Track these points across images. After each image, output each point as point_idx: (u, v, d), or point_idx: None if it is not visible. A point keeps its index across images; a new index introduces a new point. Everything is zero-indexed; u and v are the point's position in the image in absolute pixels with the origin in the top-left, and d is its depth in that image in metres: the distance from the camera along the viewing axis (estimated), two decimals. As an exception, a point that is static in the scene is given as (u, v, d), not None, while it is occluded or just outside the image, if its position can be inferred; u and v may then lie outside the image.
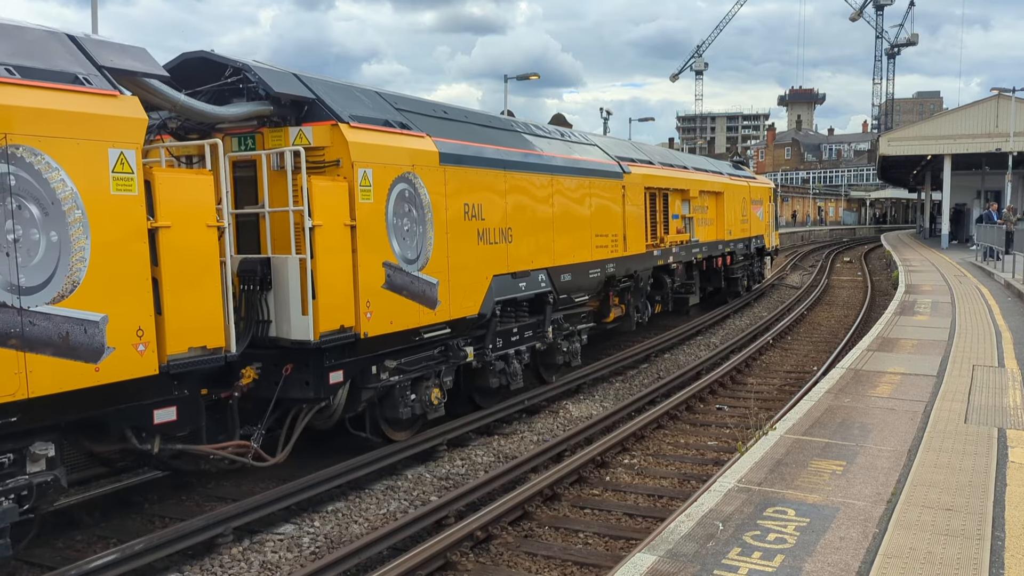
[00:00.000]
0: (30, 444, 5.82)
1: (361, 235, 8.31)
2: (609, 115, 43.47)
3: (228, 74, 8.24)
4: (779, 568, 4.84)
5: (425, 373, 9.61)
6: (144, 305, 6.30)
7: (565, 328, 12.80)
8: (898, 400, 8.95)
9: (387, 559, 6.80)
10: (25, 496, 5.74)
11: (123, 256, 6.16)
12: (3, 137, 5.42)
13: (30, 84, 5.70)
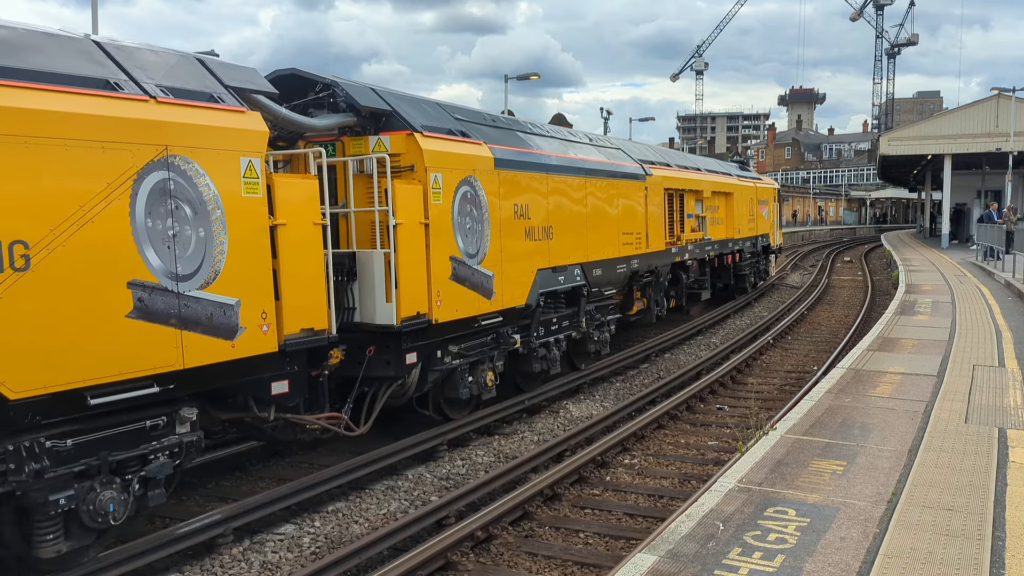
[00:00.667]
0: (179, 409, 6.72)
1: (433, 232, 9.42)
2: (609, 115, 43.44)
3: (318, 89, 9.41)
4: (780, 568, 4.84)
5: (480, 357, 10.59)
6: (267, 292, 7.32)
7: (596, 319, 13.80)
8: (898, 400, 8.95)
9: (387, 559, 6.81)
10: (176, 453, 6.68)
11: (251, 249, 7.15)
12: (164, 149, 6.46)
13: (181, 103, 6.73)
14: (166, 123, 6.52)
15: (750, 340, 17.79)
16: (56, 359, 5.74)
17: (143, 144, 6.33)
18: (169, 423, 6.66)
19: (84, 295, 5.94)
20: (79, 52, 6.35)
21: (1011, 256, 23.91)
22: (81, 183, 5.93)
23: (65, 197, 5.83)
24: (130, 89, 6.42)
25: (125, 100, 6.31)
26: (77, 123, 5.95)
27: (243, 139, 7.15)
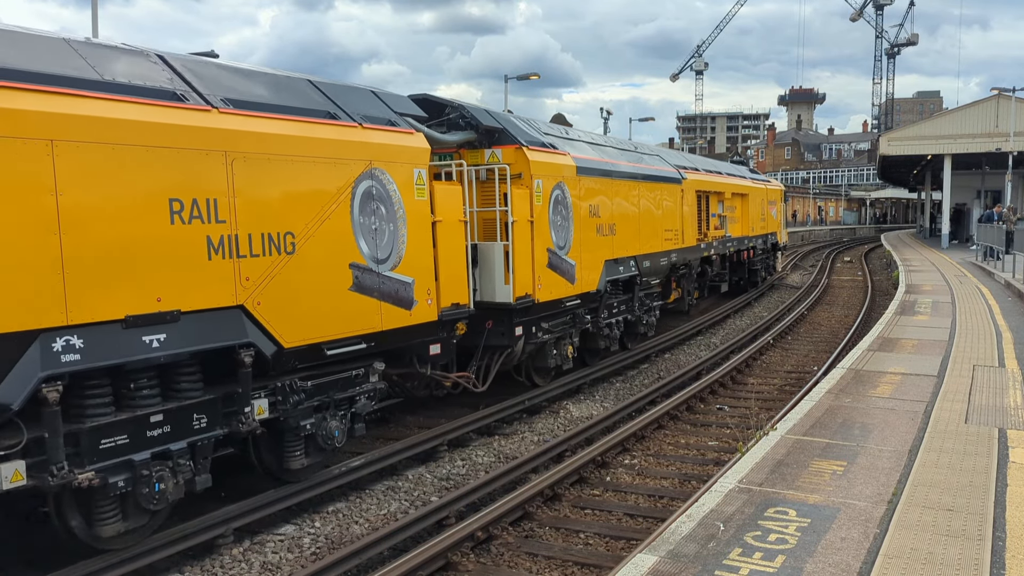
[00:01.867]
0: (373, 362, 8.74)
1: (536, 228, 11.48)
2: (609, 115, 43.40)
3: (447, 111, 11.40)
4: (780, 568, 4.84)
5: (563, 334, 12.59)
6: (430, 273, 9.37)
7: (645, 304, 15.80)
8: (899, 400, 8.95)
9: (388, 560, 6.81)
10: (371, 396, 8.73)
11: (421, 240, 9.22)
12: (369, 163, 8.45)
13: (376, 128, 8.78)
14: (370, 143, 8.54)
15: (750, 340, 17.79)
16: (308, 320, 7.67)
17: (357, 160, 8.34)
18: (366, 374, 8.68)
19: (324, 273, 7.89)
20: (308, 91, 8.43)
21: (1011, 256, 23.92)
22: (322, 190, 7.91)
23: (313, 200, 7.80)
24: (345, 118, 8.43)
25: (346, 127, 8.37)
26: (321, 146, 7.91)
27: (414, 154, 9.19)
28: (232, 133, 7.05)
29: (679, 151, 24.30)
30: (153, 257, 6.34)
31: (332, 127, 8.19)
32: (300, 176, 7.67)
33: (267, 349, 7.24)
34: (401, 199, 8.90)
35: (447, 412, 11.61)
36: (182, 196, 6.60)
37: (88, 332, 5.88)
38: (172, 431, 6.62)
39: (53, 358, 5.65)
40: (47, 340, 5.64)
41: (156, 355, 6.35)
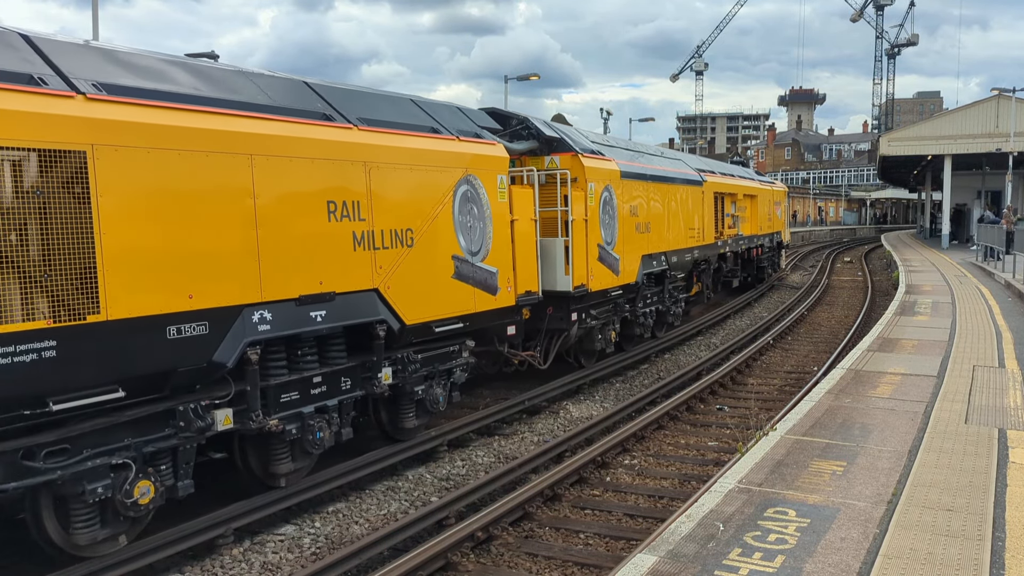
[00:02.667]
0: (465, 340, 10.25)
1: (589, 226, 12.97)
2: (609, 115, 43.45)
3: (515, 123, 12.94)
4: (780, 568, 4.84)
5: (607, 320, 14.07)
6: (510, 264, 10.88)
7: (673, 296, 17.40)
8: (899, 400, 8.95)
9: (388, 560, 6.81)
10: (464, 369, 10.29)
11: (503, 236, 10.74)
12: (466, 170, 9.97)
13: (468, 140, 10.35)
14: (465, 154, 10.06)
15: (750, 341, 17.79)
16: (422, 302, 9.18)
17: (457, 168, 9.85)
18: (459, 350, 10.17)
19: (433, 263, 9.40)
20: (413, 109, 9.99)
21: (1011, 256, 23.92)
22: (433, 193, 9.42)
23: (426, 202, 9.27)
24: (445, 132, 10.00)
25: (447, 140, 9.95)
26: (431, 156, 9.48)
27: (497, 163, 10.71)
28: (368, 147, 8.55)
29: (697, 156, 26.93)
30: (317, 248, 7.81)
31: (438, 140, 9.81)
32: (417, 182, 9.23)
33: (394, 325, 8.82)
34: (488, 201, 10.44)
35: (447, 412, 11.59)
36: (336, 199, 8.07)
37: (274, 307, 7.35)
38: (327, 391, 8.19)
39: (253, 327, 7.12)
40: (249, 313, 7.10)
41: (319, 327, 7.86)
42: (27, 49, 6.16)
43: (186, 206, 6.63)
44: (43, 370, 5.63)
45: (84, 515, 6.27)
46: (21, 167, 5.54)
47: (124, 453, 6.38)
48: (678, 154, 21.71)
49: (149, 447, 6.58)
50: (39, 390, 5.66)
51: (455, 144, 10.05)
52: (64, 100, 5.90)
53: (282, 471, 7.91)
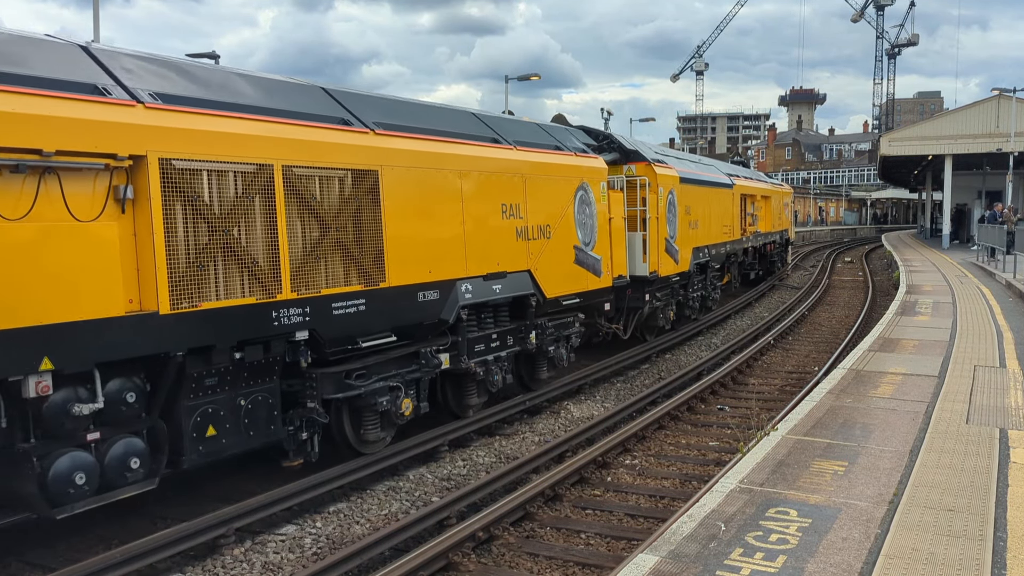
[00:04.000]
0: (577, 312, 12.91)
1: (660, 223, 16.07)
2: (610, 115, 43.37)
3: (600, 139, 15.94)
4: (781, 569, 4.84)
5: (666, 302, 17.00)
6: (608, 253, 13.67)
7: (711, 283, 20.55)
8: (900, 400, 8.95)
9: (389, 560, 6.81)
10: (577, 336, 12.96)
11: (603, 231, 13.53)
12: (582, 179, 12.75)
13: (580, 155, 13.16)
14: (580, 166, 13.01)
15: (751, 341, 17.79)
16: (555, 281, 11.99)
17: (576, 177, 12.72)
18: (574, 320, 12.81)
19: (562, 251, 12.23)
20: (540, 130, 12.88)
21: (1012, 256, 23.91)
22: (563, 197, 12.34)
23: (557, 203, 12.18)
24: (566, 149, 12.97)
25: (569, 155, 12.87)
26: (562, 169, 12.39)
27: (600, 172, 13.60)
28: (524, 163, 11.48)
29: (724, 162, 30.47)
30: (496, 239, 10.69)
31: (564, 156, 12.76)
32: (553, 189, 12.09)
33: (540, 298, 11.65)
34: (595, 202, 13.24)
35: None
36: (506, 202, 10.92)
37: (473, 281, 10.21)
38: (499, 345, 11.00)
39: (462, 295, 9.96)
40: (460, 285, 9.94)
41: (498, 297, 10.70)
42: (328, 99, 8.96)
43: (426, 208, 9.40)
44: (357, 319, 8.42)
45: (372, 421, 8.97)
46: (346, 183, 8.31)
47: (395, 379, 9.06)
48: (711, 160, 25.96)
49: (406, 376, 9.26)
50: (355, 332, 8.46)
51: (574, 159, 13.01)
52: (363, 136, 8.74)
53: (472, 404, 10.82)
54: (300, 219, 7.77)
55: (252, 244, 7.30)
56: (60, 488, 6.06)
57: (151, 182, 6.49)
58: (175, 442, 7.03)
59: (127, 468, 6.54)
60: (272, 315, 7.49)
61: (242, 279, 7.21)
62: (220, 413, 7.35)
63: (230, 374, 7.41)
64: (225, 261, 7.04)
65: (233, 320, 7.12)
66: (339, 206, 8.18)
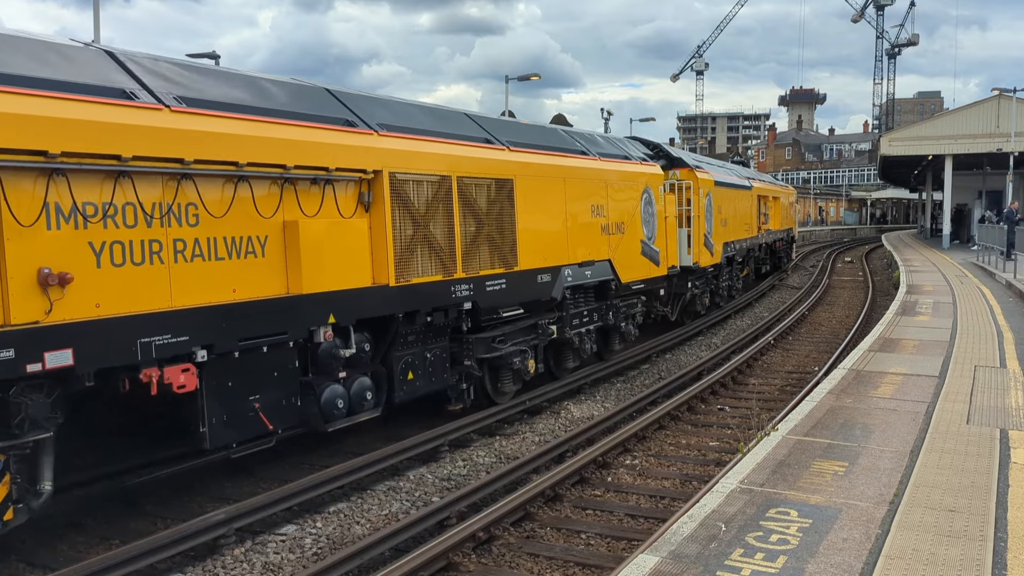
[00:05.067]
0: (640, 296, 15.30)
1: (700, 220, 18.74)
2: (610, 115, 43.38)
3: (651, 148, 18.46)
4: (782, 569, 4.84)
5: (703, 290, 20.07)
6: (664, 246, 16.14)
7: (735, 274, 23.96)
8: (900, 401, 8.95)
9: (389, 560, 6.81)
10: (640, 315, 15.44)
11: (661, 227, 16.06)
12: (646, 183, 15.39)
13: (644, 163, 15.89)
14: (644, 172, 15.63)
15: (751, 341, 17.78)
16: (627, 268, 14.36)
17: (641, 182, 15.29)
18: (637, 302, 15.28)
19: (631, 244, 14.63)
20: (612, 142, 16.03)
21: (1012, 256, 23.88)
22: (632, 198, 14.84)
23: (627, 204, 14.60)
24: (634, 159, 15.59)
25: (636, 163, 15.46)
26: (633, 176, 15.00)
27: (658, 178, 16.34)
28: (606, 171, 14.14)
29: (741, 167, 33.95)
30: (588, 233, 13.27)
31: (633, 164, 15.52)
32: (626, 192, 14.72)
33: (617, 283, 14.17)
34: (655, 203, 15.87)
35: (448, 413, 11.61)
36: (595, 203, 13.53)
37: (572, 267, 12.75)
38: (588, 320, 13.53)
39: (565, 278, 12.51)
40: (564, 270, 12.50)
41: (589, 281, 13.30)
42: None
43: (543, 208, 12.02)
44: (500, 294, 11.01)
45: (507, 376, 11.53)
46: (492, 189, 10.84)
47: (523, 344, 11.64)
48: (731, 165, 29.89)
49: (530, 343, 11.90)
50: (498, 305, 11.01)
51: (639, 166, 15.71)
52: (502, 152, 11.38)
53: (568, 367, 13.39)
54: (466, 217, 10.34)
55: (439, 236, 9.82)
56: (329, 409, 8.48)
57: (385, 190, 8.99)
58: (388, 383, 9.49)
59: (363, 398, 9.00)
60: (451, 289, 10.06)
61: (433, 262, 9.74)
62: (415, 363, 9.87)
63: (422, 333, 9.95)
64: (424, 248, 9.56)
65: (429, 292, 9.69)
66: (488, 207, 10.77)
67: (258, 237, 7.65)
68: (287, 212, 7.95)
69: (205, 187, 7.18)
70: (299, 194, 8.07)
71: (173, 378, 6.83)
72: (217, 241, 7.26)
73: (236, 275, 7.40)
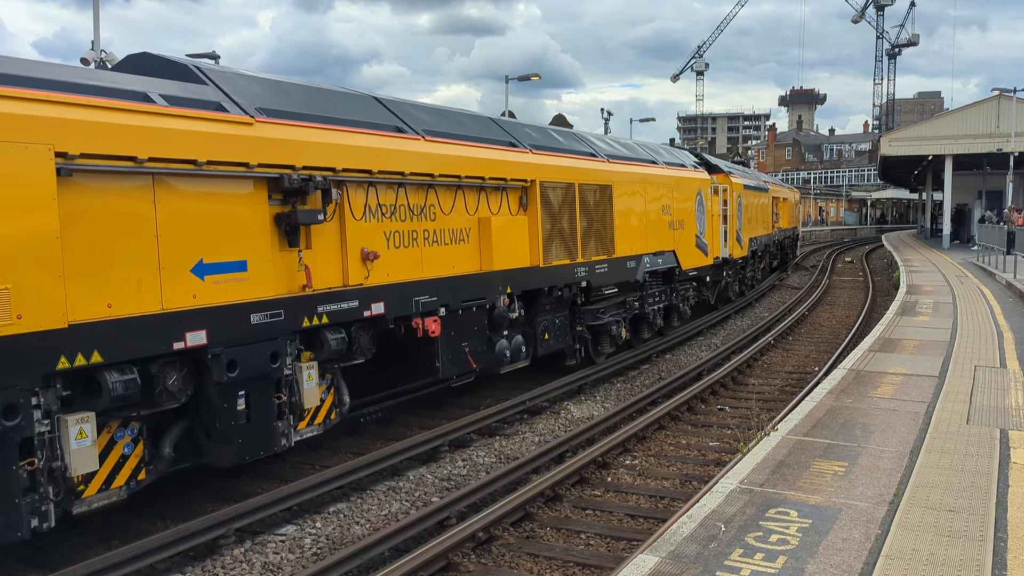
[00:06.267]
0: (692, 282, 18.89)
1: (733, 218, 21.81)
2: (610, 115, 43.39)
3: (696, 156, 21.83)
4: (782, 569, 4.84)
5: (734, 279, 23.47)
6: (710, 239, 19.65)
7: (756, 266, 27.41)
8: (900, 401, 8.95)
9: (389, 560, 6.80)
10: (693, 297, 19.18)
11: (709, 224, 19.71)
12: (699, 186, 19.12)
13: (695, 170, 19.81)
14: (697, 178, 19.02)
15: (751, 341, 17.78)
16: (686, 257, 17.76)
17: (695, 186, 18.66)
18: (688, 287, 18.24)
19: (688, 237, 18.02)
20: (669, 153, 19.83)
21: (1012, 257, 23.88)
22: (689, 199, 18.10)
23: (685, 204, 17.90)
24: (688, 167, 19.17)
25: (691, 170, 19.16)
26: (690, 182, 18.45)
27: (707, 182, 19.71)
28: (672, 177, 17.29)
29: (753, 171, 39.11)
30: (659, 228, 16.20)
31: (688, 171, 18.91)
32: (685, 194, 17.84)
33: (679, 270, 17.20)
34: (705, 203, 18.96)
35: (448, 413, 11.63)
36: (664, 204, 16.62)
37: (649, 256, 15.62)
38: (658, 300, 16.59)
39: (645, 265, 15.44)
40: (644, 258, 15.43)
41: (660, 267, 16.28)
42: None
43: (630, 208, 15.07)
44: (604, 275, 13.97)
45: (605, 341, 14.38)
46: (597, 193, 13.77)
47: (617, 316, 14.61)
48: (747, 169, 33.73)
49: (621, 315, 14.75)
50: (602, 284, 14.02)
51: (693, 172, 19.18)
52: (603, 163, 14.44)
53: (644, 338, 16.39)
54: (582, 215, 13.33)
55: (567, 229, 12.89)
56: (500, 357, 11.33)
57: (537, 195, 12.11)
58: (533, 341, 12.28)
59: (520, 351, 11.83)
60: (574, 270, 13.09)
61: (563, 249, 12.80)
62: (549, 326, 12.76)
63: (554, 304, 12.86)
64: (558, 239, 12.66)
65: (561, 272, 12.75)
66: (595, 207, 13.72)
67: (465, 229, 10.75)
68: (481, 211, 11.10)
69: (441, 193, 10.28)
70: (489, 198, 11.28)
71: (429, 326, 9.77)
72: (445, 232, 10.34)
73: (454, 256, 10.53)
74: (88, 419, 6.25)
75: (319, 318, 8.24)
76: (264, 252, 7.69)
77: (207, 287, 7.13)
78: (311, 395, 8.19)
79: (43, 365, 5.93)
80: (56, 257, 5.96)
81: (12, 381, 5.75)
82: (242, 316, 7.39)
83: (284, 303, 7.83)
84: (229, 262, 7.35)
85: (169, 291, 6.83)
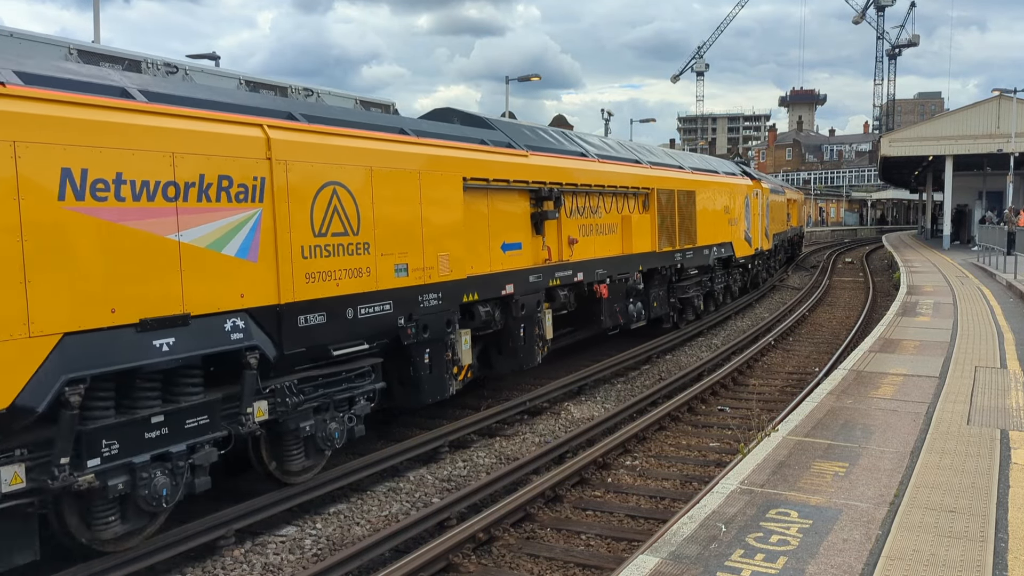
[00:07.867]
0: (737, 270, 23.55)
1: (763, 218, 26.23)
2: (610, 116, 43.41)
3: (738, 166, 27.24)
4: (782, 570, 4.83)
5: (761, 268, 27.65)
6: (754, 233, 24.67)
7: (775, 259, 31.47)
8: (900, 401, 8.94)
9: (389, 561, 6.80)
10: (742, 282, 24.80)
11: (753, 220, 24.53)
12: (746, 192, 24.20)
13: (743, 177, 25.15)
14: (744, 184, 23.74)
15: (751, 341, 17.77)
16: (739, 249, 22.62)
17: (744, 191, 23.45)
18: (737, 273, 23.52)
19: (740, 233, 22.62)
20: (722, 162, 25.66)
21: (1012, 257, 23.87)
22: (739, 202, 22.83)
23: (738, 205, 22.69)
24: (739, 177, 23.97)
25: (739, 178, 23.92)
26: (741, 188, 23.35)
27: (751, 188, 24.34)
28: (731, 184, 21.98)
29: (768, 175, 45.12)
30: (722, 224, 20.86)
31: (738, 178, 23.31)
32: (738, 198, 22.38)
33: (734, 257, 21.68)
34: (750, 205, 23.01)
35: (448, 413, 11.62)
36: (726, 205, 21.15)
37: (715, 247, 20.08)
38: (720, 281, 21.40)
39: (713, 253, 20.07)
40: (713, 247, 20.07)
41: (723, 255, 20.68)
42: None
43: (706, 209, 19.09)
44: (690, 260, 18.33)
45: (690, 311, 19.08)
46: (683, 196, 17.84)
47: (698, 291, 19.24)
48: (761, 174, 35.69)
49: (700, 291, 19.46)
50: (689, 266, 18.37)
51: (742, 180, 23.37)
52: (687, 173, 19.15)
53: (711, 309, 20.35)
54: (678, 212, 17.25)
55: (668, 223, 16.71)
56: (629, 318, 15.28)
57: (654, 199, 16.06)
58: (646, 308, 15.97)
59: (640, 313, 15.67)
60: (674, 255, 17.11)
61: (666, 239, 16.51)
62: (656, 297, 16.64)
63: (660, 279, 16.76)
64: (664, 231, 16.44)
65: (667, 256, 16.69)
66: (685, 207, 17.69)
67: (615, 224, 14.83)
68: (624, 211, 15.18)
69: (604, 199, 14.44)
70: (628, 201, 15.36)
71: (602, 291, 13.90)
72: (604, 225, 14.42)
73: (609, 243, 14.58)
74: (467, 332, 10.53)
75: (556, 280, 12.56)
76: (528, 237, 12.10)
77: (507, 258, 11.48)
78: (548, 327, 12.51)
79: (458, 299, 10.15)
80: (464, 236, 10.19)
81: (450, 306, 9.91)
82: (525, 276, 11.69)
83: (540, 270, 12.08)
84: (514, 243, 11.74)
85: (495, 260, 11.16)
